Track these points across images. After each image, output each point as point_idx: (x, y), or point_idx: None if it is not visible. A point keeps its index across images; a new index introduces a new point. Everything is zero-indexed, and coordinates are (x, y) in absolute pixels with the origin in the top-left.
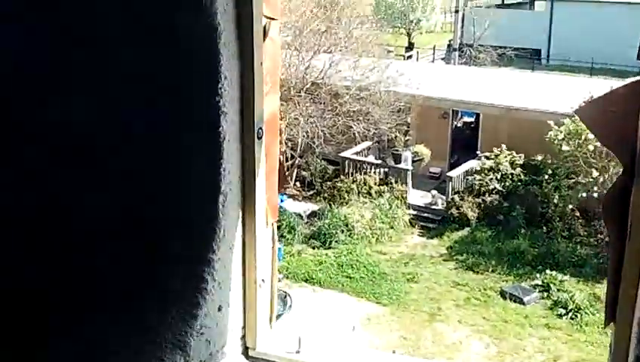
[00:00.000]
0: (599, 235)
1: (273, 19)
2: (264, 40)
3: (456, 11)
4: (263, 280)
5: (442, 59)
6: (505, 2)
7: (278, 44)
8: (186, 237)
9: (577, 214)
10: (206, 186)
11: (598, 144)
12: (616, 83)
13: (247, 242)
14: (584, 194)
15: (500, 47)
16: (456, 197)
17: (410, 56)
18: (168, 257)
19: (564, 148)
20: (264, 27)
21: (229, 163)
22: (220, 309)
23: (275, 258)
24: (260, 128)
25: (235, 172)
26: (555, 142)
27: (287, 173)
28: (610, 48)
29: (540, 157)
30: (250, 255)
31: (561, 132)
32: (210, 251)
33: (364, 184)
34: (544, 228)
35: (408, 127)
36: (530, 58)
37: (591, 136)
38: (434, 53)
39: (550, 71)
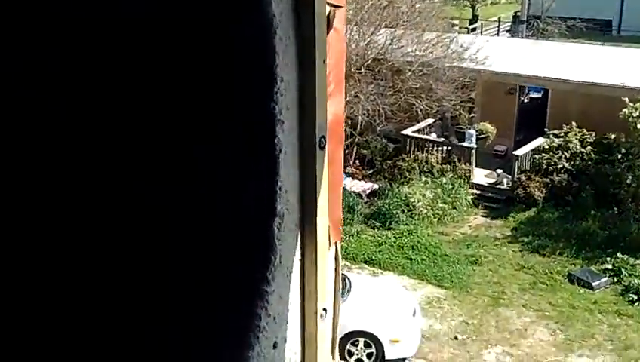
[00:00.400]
0: None
1: (338, 6)
2: (327, 32)
3: None
4: (324, 309)
5: (507, 31)
6: None
7: (343, 36)
8: (236, 268)
9: None
10: (259, 208)
11: None
12: None
13: (307, 267)
14: None
15: (569, 19)
16: (522, 176)
17: (474, 29)
18: (215, 293)
19: (639, 126)
20: (327, 16)
21: (287, 179)
22: (275, 346)
23: (338, 282)
24: (323, 137)
25: (293, 189)
26: (630, 119)
27: (347, 152)
28: None
29: (612, 136)
30: (310, 282)
31: (637, 109)
32: (264, 283)
33: (426, 163)
34: (615, 209)
35: (473, 104)
36: (601, 30)
37: None
38: (499, 26)
39: (622, 43)
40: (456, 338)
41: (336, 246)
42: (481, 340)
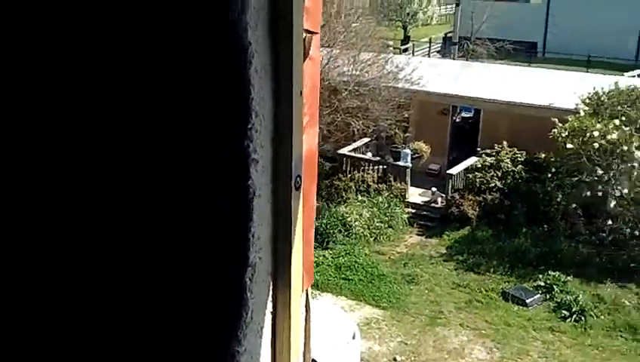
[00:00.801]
0: (601, 234)
1: (314, 32)
2: (303, 61)
3: (457, 4)
4: None
5: (438, 52)
6: None
7: (319, 65)
8: (206, 327)
9: (580, 213)
10: (230, 259)
11: (603, 142)
12: (618, 77)
13: (279, 322)
14: (588, 193)
15: (498, 40)
16: (456, 195)
17: (406, 50)
18: (184, 355)
19: (568, 145)
20: (304, 44)
21: (260, 225)
22: None
23: (309, 330)
24: (299, 176)
25: (266, 235)
26: (559, 139)
27: None
28: (607, 41)
29: (543, 155)
30: (282, 338)
31: (565, 129)
32: (235, 342)
33: (363, 182)
34: (546, 226)
35: (408, 124)
36: (527, 52)
37: (596, 133)
38: (430, 47)
39: (546, 64)
40: (395, 359)
41: (307, 293)
42: (419, 361)
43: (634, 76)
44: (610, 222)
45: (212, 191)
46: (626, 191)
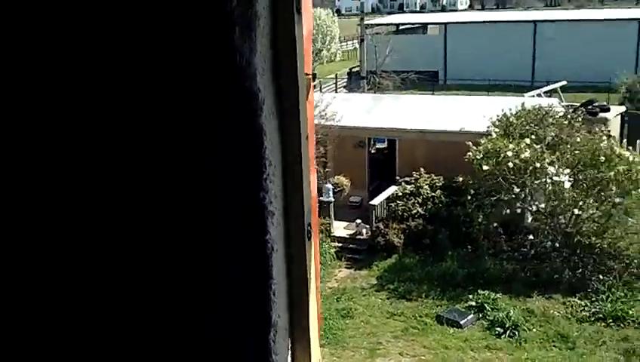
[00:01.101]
0: (523, 249)
1: (312, 75)
2: None
3: (362, 40)
4: None
5: (344, 87)
6: (400, 28)
7: (313, 108)
8: None
9: (501, 231)
10: (251, 321)
11: (517, 161)
12: (521, 98)
13: None
14: (507, 211)
15: (403, 72)
16: (380, 224)
17: (313, 86)
18: None
19: (484, 167)
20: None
21: (278, 281)
22: None
23: None
24: (309, 225)
25: (282, 291)
26: (475, 162)
27: None
28: (504, 65)
29: (461, 178)
30: None
31: (480, 152)
32: None
33: None
34: (470, 247)
35: (326, 159)
36: (430, 80)
37: (509, 153)
38: (336, 82)
39: (449, 91)
40: None
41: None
42: None
43: (533, 96)
44: (531, 236)
45: (229, 252)
46: (542, 205)
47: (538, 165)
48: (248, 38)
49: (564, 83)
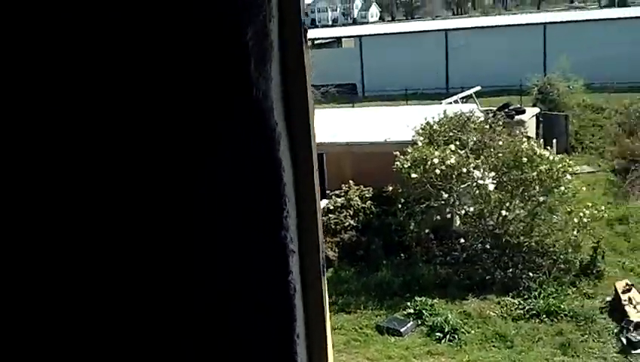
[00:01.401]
0: (454, 253)
1: None
2: None
3: None
4: None
5: None
6: (315, 43)
7: None
8: None
9: (432, 237)
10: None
11: (444, 167)
12: (441, 106)
13: None
14: (438, 217)
15: (322, 86)
16: None
17: None
18: None
19: (413, 175)
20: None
21: (299, 323)
22: None
23: None
24: (324, 259)
25: (302, 333)
26: (403, 171)
27: None
28: (420, 74)
29: (390, 188)
30: None
31: (407, 161)
32: None
33: None
34: (404, 255)
35: None
36: (349, 93)
37: (435, 160)
38: None
39: (368, 102)
40: None
41: None
42: None
43: (451, 103)
44: (462, 240)
45: (253, 299)
46: (471, 209)
47: (464, 170)
48: (263, 69)
49: (478, 88)
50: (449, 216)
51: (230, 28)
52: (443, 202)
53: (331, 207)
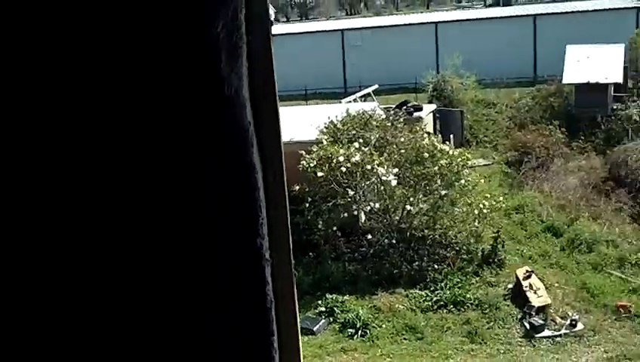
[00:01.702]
0: (362, 249)
1: None
2: None
3: None
4: None
5: None
6: None
7: None
8: None
9: (339, 234)
10: None
11: (349, 165)
12: (341, 105)
13: None
14: (345, 214)
15: None
16: None
17: None
18: None
19: (319, 174)
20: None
21: (275, 335)
22: None
23: None
24: (294, 269)
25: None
26: (309, 170)
27: None
28: (318, 74)
29: (297, 187)
30: None
31: (313, 159)
32: None
33: None
34: (312, 254)
35: None
36: None
37: (341, 158)
38: None
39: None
40: None
41: None
42: None
43: (350, 101)
44: (369, 236)
45: (230, 310)
46: (377, 205)
47: (369, 167)
48: (235, 65)
49: (376, 87)
50: (355, 212)
51: (198, 16)
52: (349, 199)
53: None
